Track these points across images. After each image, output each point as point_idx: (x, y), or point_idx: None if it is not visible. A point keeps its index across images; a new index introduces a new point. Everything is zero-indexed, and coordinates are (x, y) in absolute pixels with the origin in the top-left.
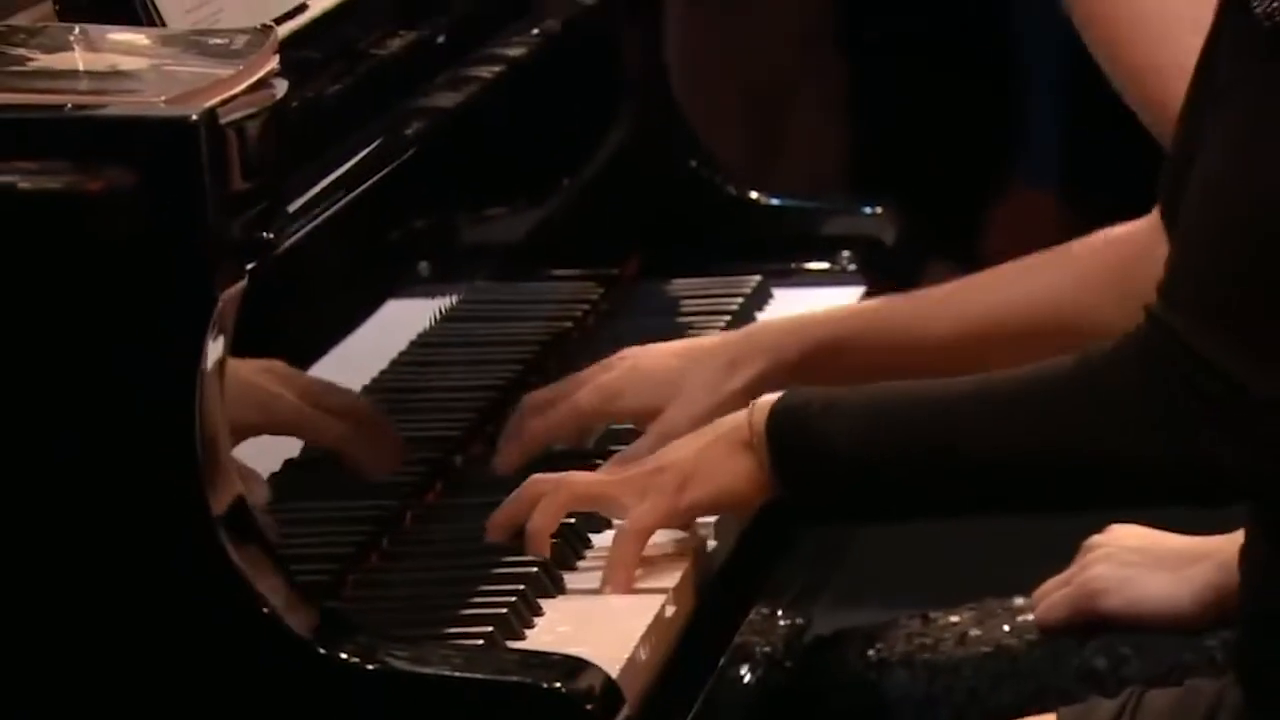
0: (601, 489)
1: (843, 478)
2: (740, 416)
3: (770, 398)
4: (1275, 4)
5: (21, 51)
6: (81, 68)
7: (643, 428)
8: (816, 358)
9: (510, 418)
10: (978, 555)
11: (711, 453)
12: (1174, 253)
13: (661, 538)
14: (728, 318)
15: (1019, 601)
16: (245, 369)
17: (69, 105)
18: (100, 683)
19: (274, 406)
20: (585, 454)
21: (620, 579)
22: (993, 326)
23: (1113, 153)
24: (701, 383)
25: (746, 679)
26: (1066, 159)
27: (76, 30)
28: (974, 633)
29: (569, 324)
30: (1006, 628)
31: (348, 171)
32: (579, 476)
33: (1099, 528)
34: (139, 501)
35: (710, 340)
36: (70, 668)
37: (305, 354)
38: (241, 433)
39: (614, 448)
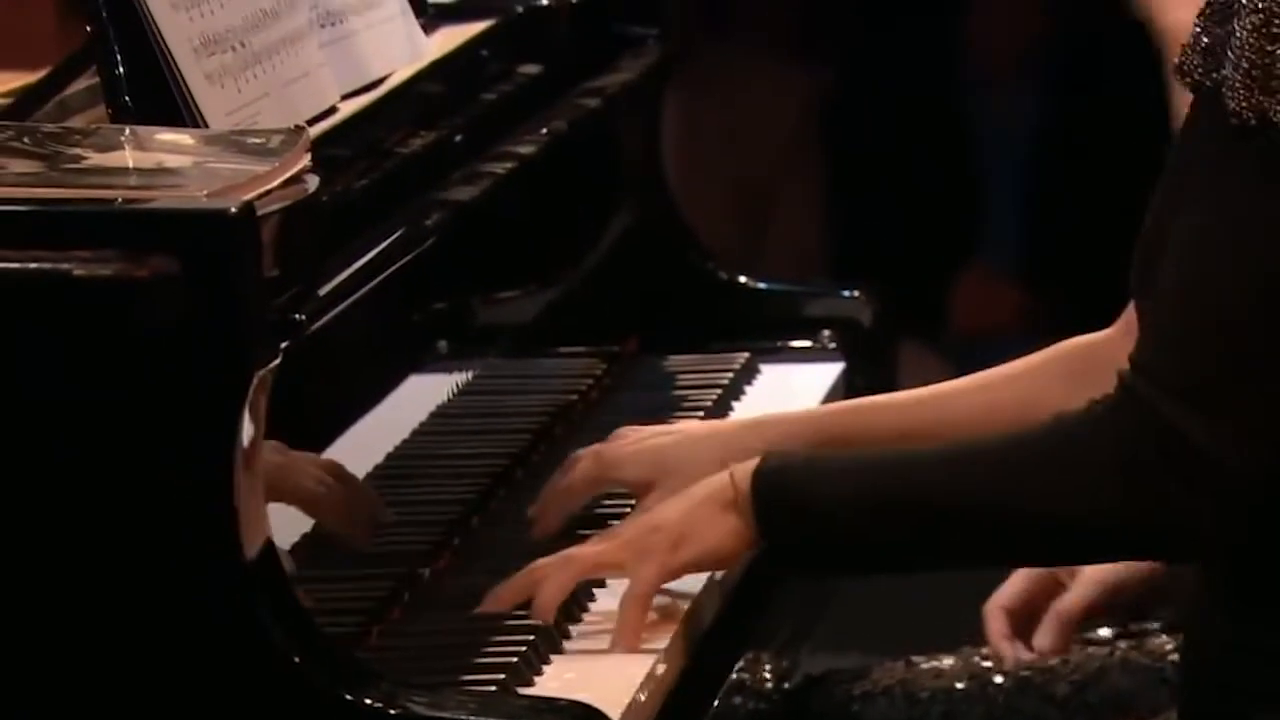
0: (603, 558)
1: (825, 535)
2: (724, 478)
3: (752, 462)
4: (1247, 105)
5: (77, 150)
6: (131, 165)
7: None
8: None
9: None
10: (956, 603)
11: (700, 513)
12: (1147, 326)
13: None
14: (719, 391)
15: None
16: None
17: (119, 199)
18: None
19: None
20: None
21: (629, 639)
22: (978, 428)
23: (1066, 242)
24: (695, 466)
25: (740, 713)
26: (1025, 247)
27: (127, 131)
28: (951, 671)
29: (574, 397)
30: (984, 663)
31: (373, 258)
32: (580, 551)
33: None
34: (181, 563)
35: (717, 425)
36: (111, 714)
37: (334, 424)
38: None
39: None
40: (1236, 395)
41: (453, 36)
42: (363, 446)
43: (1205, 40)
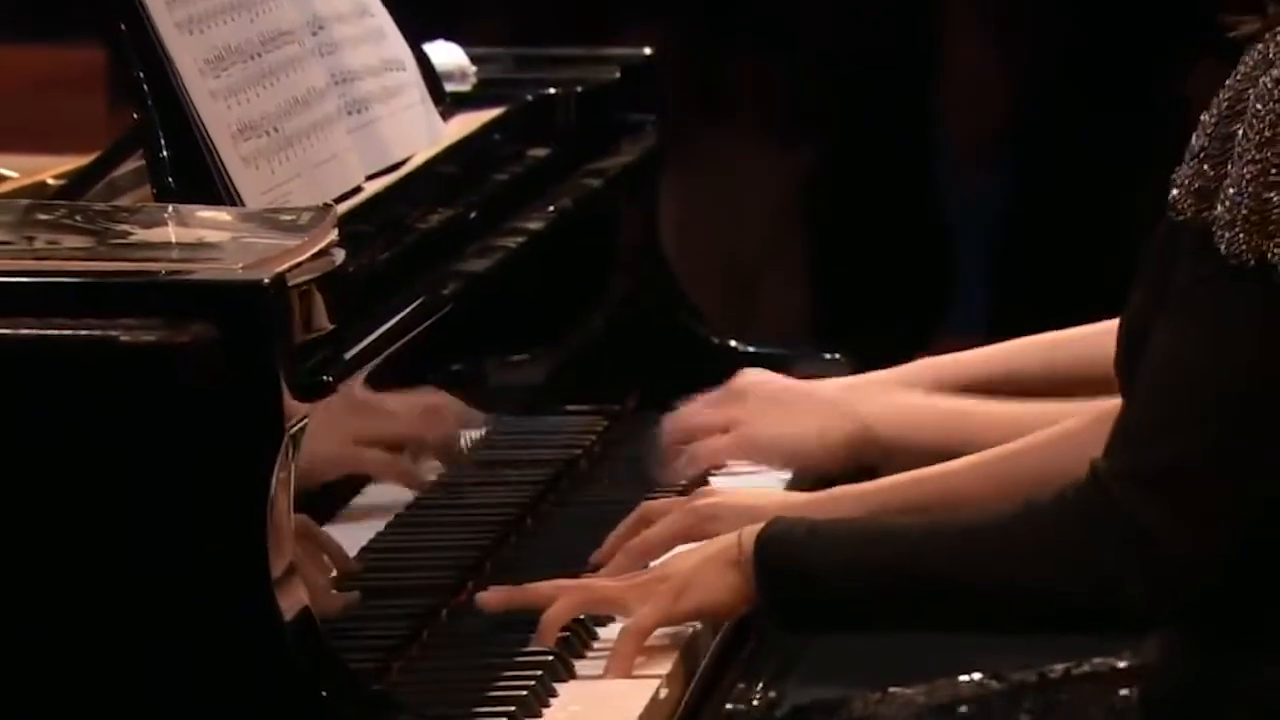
0: (614, 594)
1: (818, 598)
2: (732, 538)
3: (758, 526)
4: (1246, 248)
5: (125, 227)
6: (174, 240)
7: None
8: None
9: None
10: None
11: (706, 568)
12: (1122, 420)
13: (658, 630)
14: None
15: (963, 679)
16: None
17: (163, 271)
18: None
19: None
20: None
21: (621, 667)
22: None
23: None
24: None
25: None
26: (987, 315)
27: (170, 209)
28: (922, 700)
29: (579, 451)
30: (952, 693)
31: (395, 324)
32: (593, 583)
33: None
34: (218, 602)
35: (779, 496)
36: None
37: (359, 477)
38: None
39: None
40: (1192, 488)
41: (468, 122)
42: (387, 495)
43: (1198, 182)
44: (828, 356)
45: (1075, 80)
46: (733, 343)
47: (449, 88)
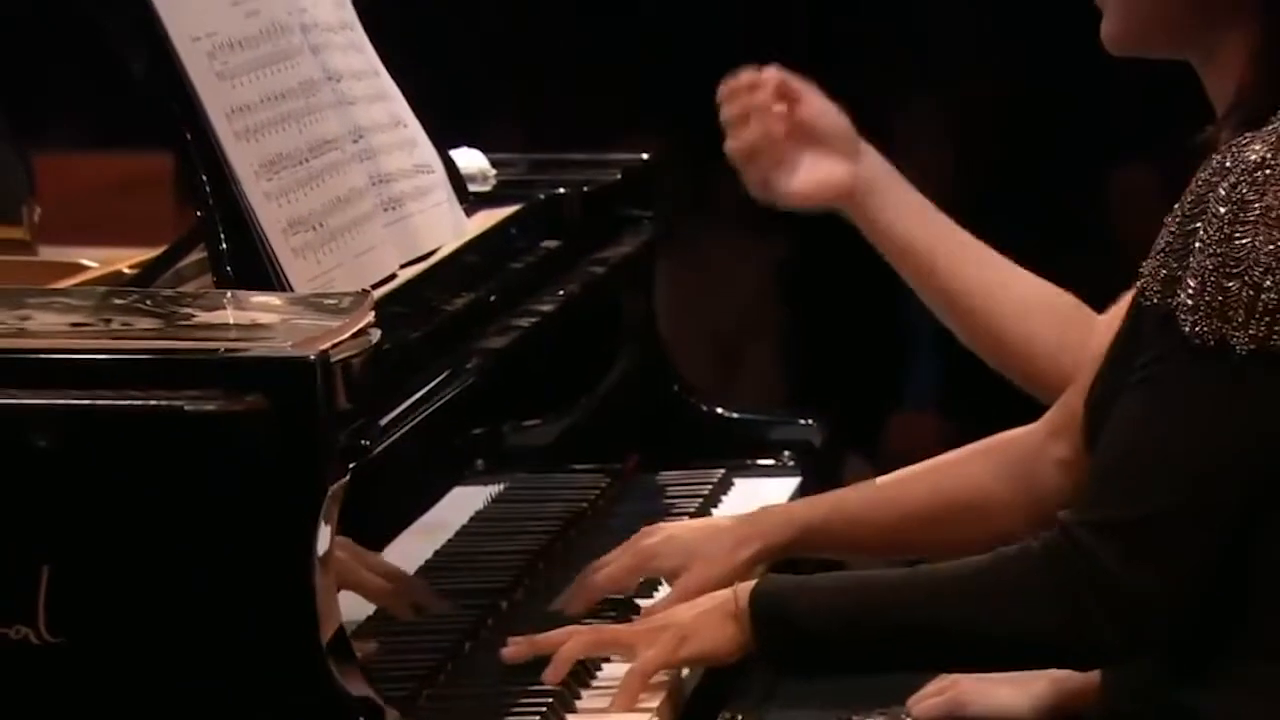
0: (619, 638)
1: (807, 647)
2: (729, 592)
3: (752, 582)
4: (1207, 330)
5: (188, 310)
6: (231, 321)
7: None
8: (801, 539)
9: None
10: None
11: (705, 619)
12: (1092, 475)
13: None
14: (701, 500)
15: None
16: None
17: (222, 349)
18: None
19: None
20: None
21: (626, 703)
22: (926, 511)
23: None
24: (716, 553)
25: None
26: (943, 386)
27: (228, 294)
28: None
29: (585, 505)
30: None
31: (424, 395)
32: (602, 628)
33: None
34: (269, 641)
35: (725, 520)
36: None
37: (394, 527)
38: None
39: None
40: (1150, 538)
41: (488, 218)
42: (417, 543)
43: (1164, 272)
44: (802, 422)
45: (1022, 174)
46: (719, 409)
47: (472, 188)
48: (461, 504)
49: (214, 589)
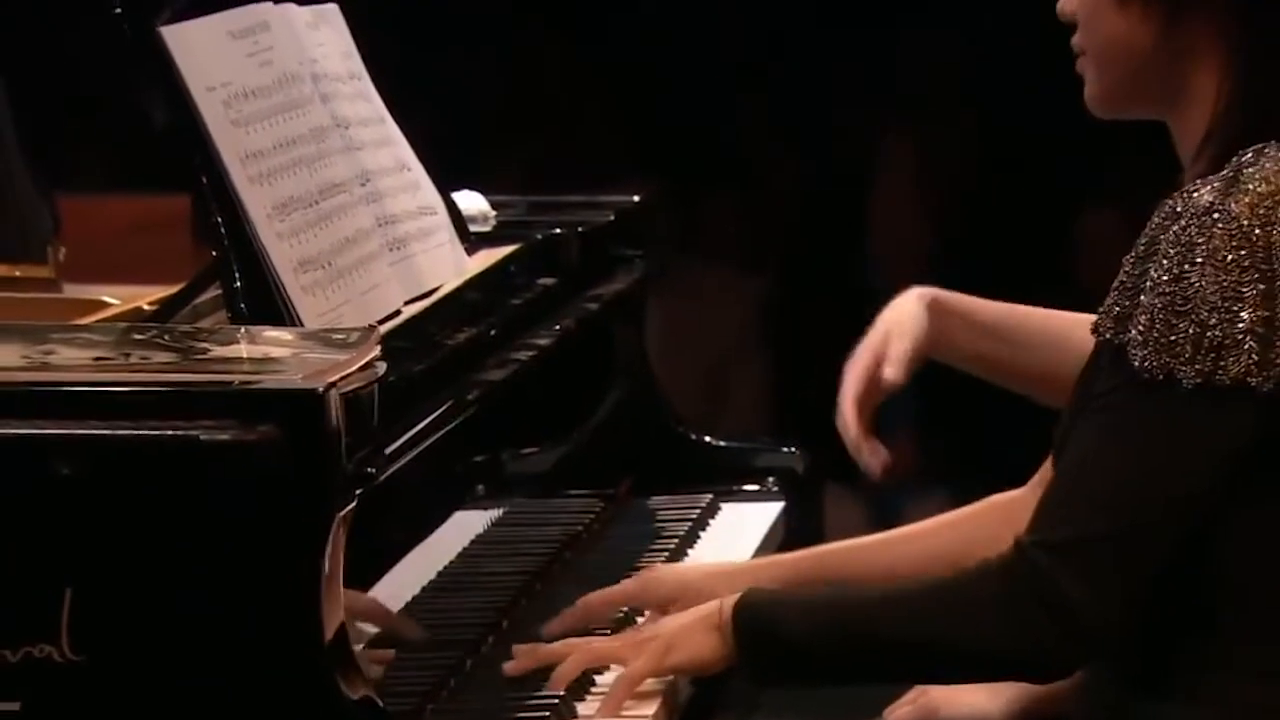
0: (611, 651)
1: (785, 657)
2: (715, 604)
3: (736, 595)
4: (1156, 365)
5: (205, 345)
6: (245, 355)
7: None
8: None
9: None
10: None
11: (691, 630)
12: (1043, 501)
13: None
14: (689, 523)
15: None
16: None
17: (236, 381)
18: None
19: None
20: None
21: (612, 709)
22: (923, 567)
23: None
24: (711, 590)
25: None
26: (920, 416)
27: (242, 330)
28: None
29: (580, 528)
30: None
31: (427, 424)
32: (596, 641)
33: None
34: (278, 655)
35: (728, 564)
36: None
37: (399, 550)
38: None
39: None
40: (1096, 556)
41: (489, 257)
42: (421, 565)
43: (1117, 309)
44: (785, 450)
45: (989, 219)
46: (707, 438)
47: (473, 228)
48: (463, 527)
49: (226, 608)
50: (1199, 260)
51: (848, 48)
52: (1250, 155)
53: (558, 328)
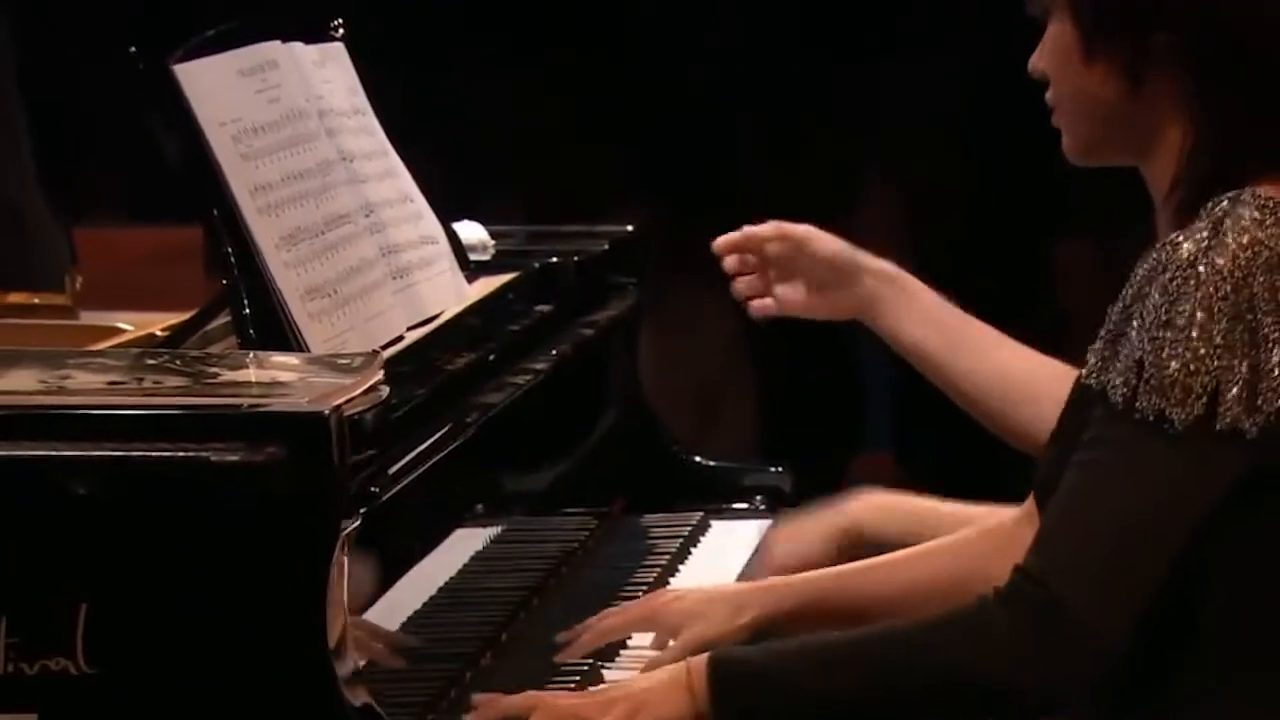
0: (577, 708)
1: (773, 706)
2: (681, 666)
3: (703, 656)
4: (1146, 405)
5: (215, 369)
6: (253, 379)
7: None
8: (801, 609)
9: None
10: None
11: (658, 690)
12: (1043, 532)
13: None
14: (681, 540)
15: None
16: None
17: (245, 405)
18: None
19: None
20: None
21: None
22: (927, 587)
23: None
24: (716, 615)
25: None
26: (900, 436)
27: (251, 355)
28: None
29: (576, 545)
30: None
31: (429, 445)
32: (563, 698)
33: None
34: (284, 666)
35: (732, 587)
36: None
37: (400, 566)
38: None
39: None
40: (1090, 581)
41: (488, 284)
42: (423, 580)
43: (1107, 353)
44: (773, 469)
45: (969, 244)
46: (697, 458)
47: (473, 257)
48: (463, 544)
49: (234, 622)
50: (1185, 309)
51: (839, 80)
52: (1226, 204)
53: (554, 353)
